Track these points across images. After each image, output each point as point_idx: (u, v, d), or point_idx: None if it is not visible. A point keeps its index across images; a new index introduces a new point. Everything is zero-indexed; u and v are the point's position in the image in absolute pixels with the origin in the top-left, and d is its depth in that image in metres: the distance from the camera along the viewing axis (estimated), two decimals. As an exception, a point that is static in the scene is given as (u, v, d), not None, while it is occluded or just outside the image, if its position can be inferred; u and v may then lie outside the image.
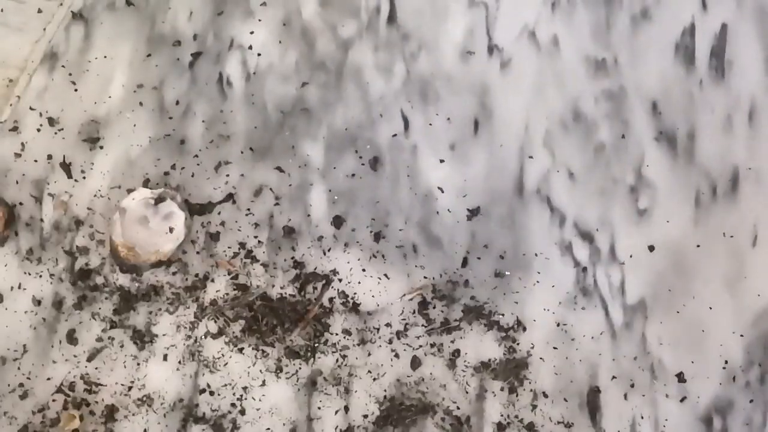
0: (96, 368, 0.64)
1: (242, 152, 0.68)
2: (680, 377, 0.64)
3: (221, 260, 0.65)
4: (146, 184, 0.67)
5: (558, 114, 0.70)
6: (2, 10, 0.69)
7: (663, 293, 0.66)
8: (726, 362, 0.64)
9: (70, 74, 0.70)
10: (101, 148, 0.68)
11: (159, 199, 0.64)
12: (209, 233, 0.66)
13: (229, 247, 0.66)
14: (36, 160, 0.67)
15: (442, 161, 0.69)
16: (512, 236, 0.67)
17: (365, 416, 0.63)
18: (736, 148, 0.69)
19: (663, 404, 0.64)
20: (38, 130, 0.68)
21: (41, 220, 0.66)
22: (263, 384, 0.64)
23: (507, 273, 0.66)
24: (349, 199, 0.67)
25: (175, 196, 0.65)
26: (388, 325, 0.65)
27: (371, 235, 0.67)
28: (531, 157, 0.69)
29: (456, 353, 0.65)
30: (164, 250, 0.63)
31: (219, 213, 0.67)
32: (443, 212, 0.67)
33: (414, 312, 0.65)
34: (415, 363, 0.64)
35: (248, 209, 0.67)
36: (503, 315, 0.65)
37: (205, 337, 0.64)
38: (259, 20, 0.72)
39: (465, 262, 0.66)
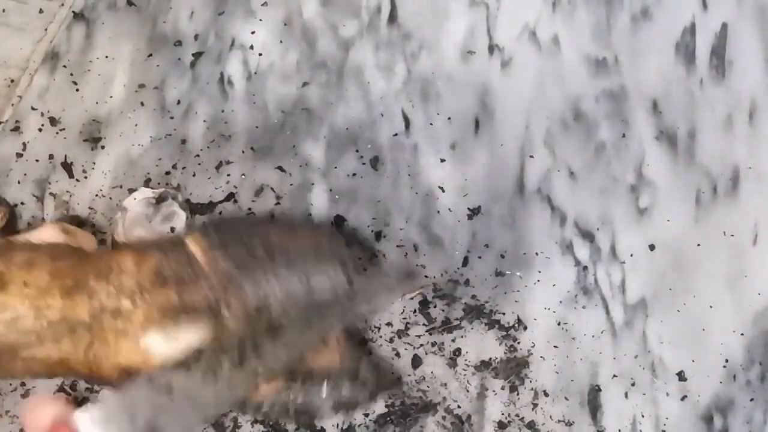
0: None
1: (243, 152, 0.68)
2: (681, 376, 0.64)
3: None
4: (148, 183, 0.67)
5: (558, 113, 0.70)
6: (3, 11, 0.70)
7: (663, 292, 0.66)
8: (726, 361, 0.65)
9: (72, 74, 0.70)
10: (103, 147, 0.68)
11: (160, 199, 0.64)
12: (210, 233, 0.66)
13: (230, 247, 0.66)
14: (37, 160, 0.67)
15: (442, 160, 0.69)
16: (513, 235, 0.67)
17: (366, 415, 0.63)
18: (737, 147, 0.69)
19: (663, 403, 0.64)
20: (40, 130, 0.68)
21: (43, 219, 0.66)
22: (264, 383, 0.64)
23: (508, 272, 0.66)
24: (350, 198, 0.68)
25: (176, 196, 0.65)
26: (389, 324, 0.65)
27: (372, 234, 0.67)
28: (532, 156, 0.69)
29: (457, 352, 0.65)
30: (166, 250, 0.63)
31: (220, 212, 0.67)
32: (444, 211, 0.68)
33: (415, 311, 0.65)
34: (416, 362, 0.65)
35: (249, 209, 0.67)
36: (504, 314, 0.65)
37: (207, 336, 0.64)
38: (260, 20, 0.72)
39: (466, 261, 0.66)
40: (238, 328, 0.52)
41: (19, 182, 0.67)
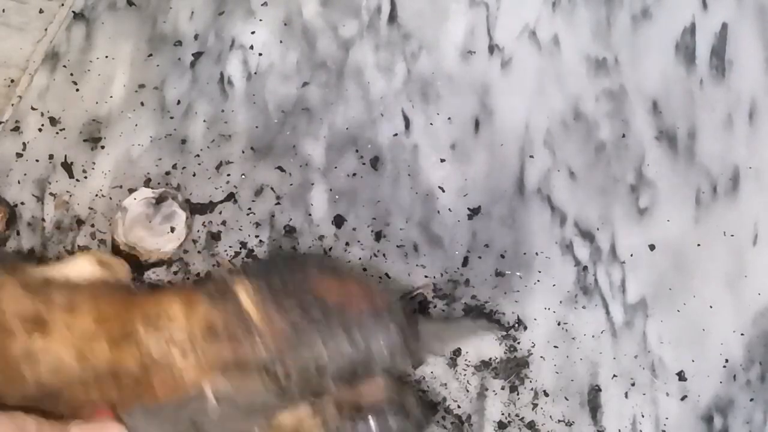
0: (98, 367, 0.64)
1: (243, 152, 0.68)
2: (681, 376, 0.64)
3: (222, 259, 0.66)
4: (147, 183, 0.67)
5: (558, 113, 0.70)
6: (3, 11, 0.70)
7: (663, 292, 0.66)
8: (726, 361, 0.64)
9: (72, 74, 0.70)
10: (103, 147, 0.68)
11: (160, 199, 0.64)
12: (210, 233, 0.66)
13: (230, 247, 0.66)
14: (37, 160, 0.67)
15: (442, 161, 0.69)
16: (513, 235, 0.67)
17: (366, 415, 0.63)
18: (737, 147, 0.69)
19: (663, 403, 0.64)
20: (40, 130, 0.68)
21: (43, 219, 0.66)
22: (264, 383, 0.64)
23: (508, 272, 0.66)
24: (350, 198, 0.68)
25: (176, 196, 0.65)
26: (389, 324, 0.65)
27: (372, 234, 0.67)
28: (532, 156, 0.69)
29: (457, 352, 0.65)
30: (165, 250, 0.64)
31: (220, 212, 0.67)
32: (444, 211, 0.68)
33: (415, 311, 0.65)
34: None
35: (249, 209, 0.67)
36: (504, 314, 0.65)
37: (207, 336, 0.64)
38: (260, 20, 0.72)
39: (466, 261, 0.66)
40: (293, 387, 0.52)
41: (19, 182, 0.67)
